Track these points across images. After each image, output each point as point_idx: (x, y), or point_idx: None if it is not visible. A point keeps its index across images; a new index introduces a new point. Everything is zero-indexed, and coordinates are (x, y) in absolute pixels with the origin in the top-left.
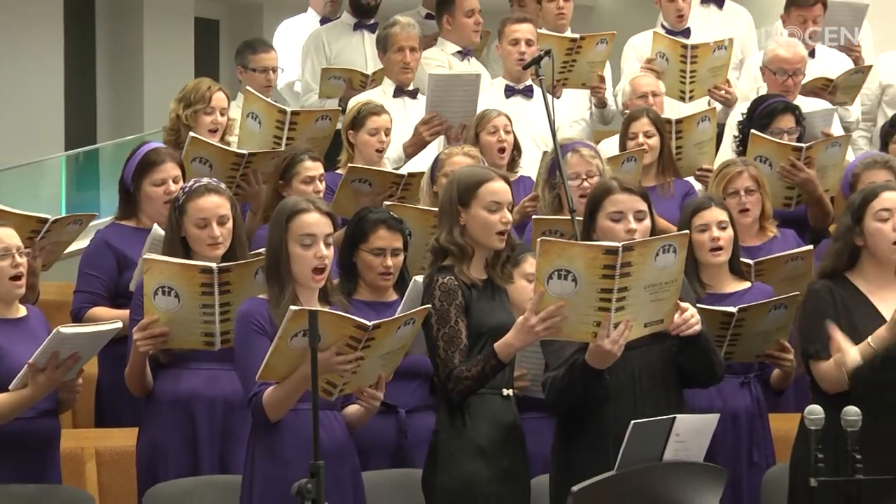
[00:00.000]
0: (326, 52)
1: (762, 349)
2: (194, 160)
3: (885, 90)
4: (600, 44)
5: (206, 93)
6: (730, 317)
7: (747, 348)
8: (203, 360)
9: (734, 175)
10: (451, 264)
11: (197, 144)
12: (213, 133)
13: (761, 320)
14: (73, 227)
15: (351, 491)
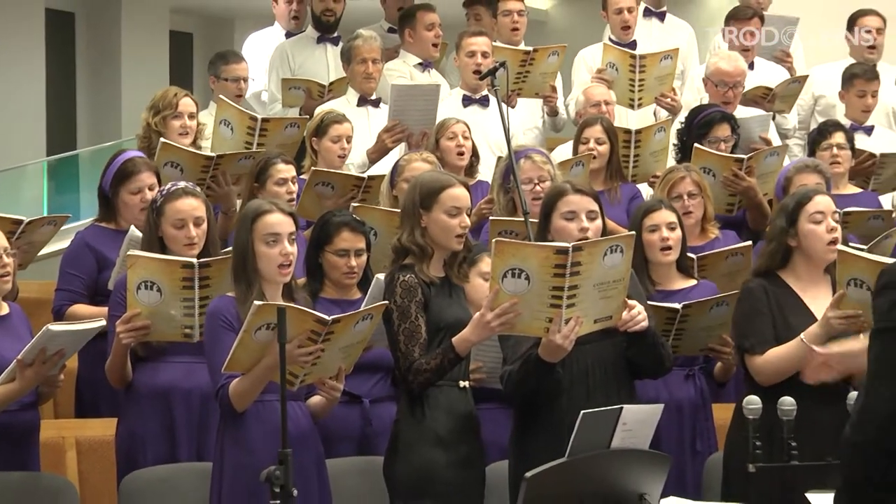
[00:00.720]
0: (291, 64)
1: (705, 343)
2: (166, 164)
3: (817, 101)
4: (552, 56)
5: (172, 99)
6: (675, 313)
7: (691, 343)
8: (180, 354)
9: (677, 180)
10: (411, 263)
11: (167, 149)
12: (183, 136)
13: (704, 316)
14: (47, 228)
15: (315, 477)
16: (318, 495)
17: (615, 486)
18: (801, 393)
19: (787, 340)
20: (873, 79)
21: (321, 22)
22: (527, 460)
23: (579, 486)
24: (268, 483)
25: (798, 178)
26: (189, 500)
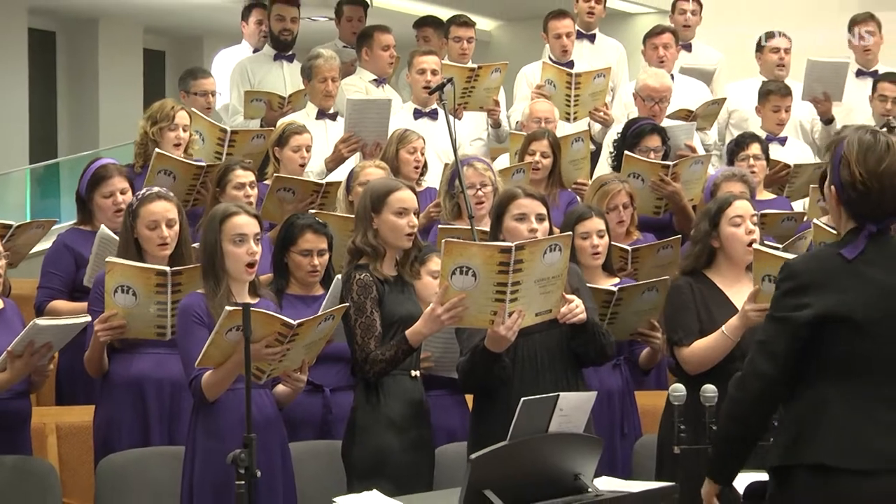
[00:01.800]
0: (251, 79)
1: (636, 327)
2: (160, 172)
3: (731, 114)
4: (495, 72)
5: (170, 112)
6: (611, 295)
7: (624, 326)
8: (152, 346)
9: (614, 193)
10: (366, 263)
11: (161, 158)
12: (177, 147)
13: (636, 300)
14: (35, 231)
15: (279, 460)
16: (282, 476)
17: (553, 467)
18: (723, 380)
19: (712, 333)
20: (787, 95)
21: (279, 41)
22: (482, 443)
23: (520, 468)
24: (234, 465)
25: (725, 186)
26: (161, 481)
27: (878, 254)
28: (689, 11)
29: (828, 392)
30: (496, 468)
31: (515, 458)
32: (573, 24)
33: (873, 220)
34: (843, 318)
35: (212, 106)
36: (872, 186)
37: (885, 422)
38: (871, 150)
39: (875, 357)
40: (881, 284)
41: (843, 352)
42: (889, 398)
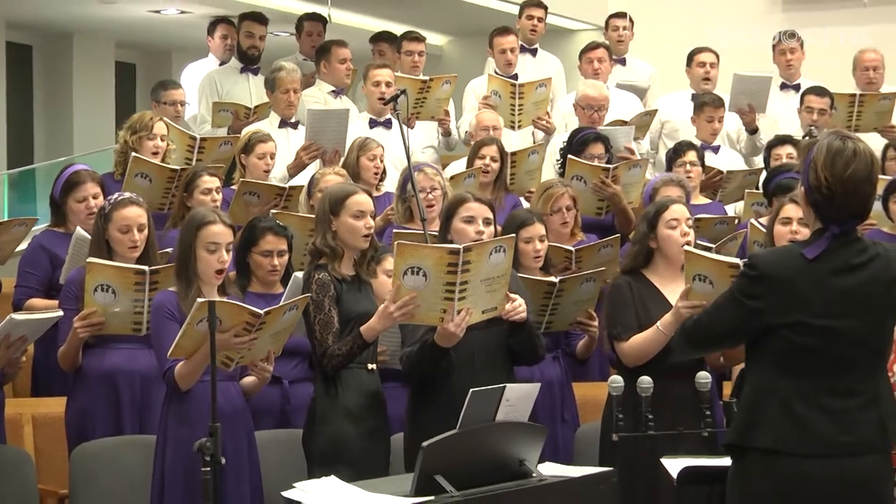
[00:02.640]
0: (219, 90)
1: (575, 317)
2: (136, 175)
3: (664, 125)
4: (445, 84)
5: (148, 122)
6: (552, 286)
7: (564, 316)
8: (124, 341)
9: (558, 196)
10: (325, 263)
11: (138, 162)
12: (155, 155)
13: (576, 290)
14: (18, 229)
15: (246, 446)
16: (248, 462)
17: (500, 454)
18: (658, 372)
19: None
20: (720, 106)
21: (246, 55)
22: (422, 431)
23: (469, 454)
24: (200, 452)
25: (663, 190)
26: (132, 468)
27: (838, 255)
28: (621, 28)
29: (780, 381)
30: (447, 455)
31: (465, 446)
32: (516, 40)
33: (837, 223)
34: (795, 314)
35: (181, 115)
36: (837, 191)
37: (831, 411)
38: (839, 156)
39: (825, 352)
40: (836, 285)
41: (795, 345)
42: (836, 390)
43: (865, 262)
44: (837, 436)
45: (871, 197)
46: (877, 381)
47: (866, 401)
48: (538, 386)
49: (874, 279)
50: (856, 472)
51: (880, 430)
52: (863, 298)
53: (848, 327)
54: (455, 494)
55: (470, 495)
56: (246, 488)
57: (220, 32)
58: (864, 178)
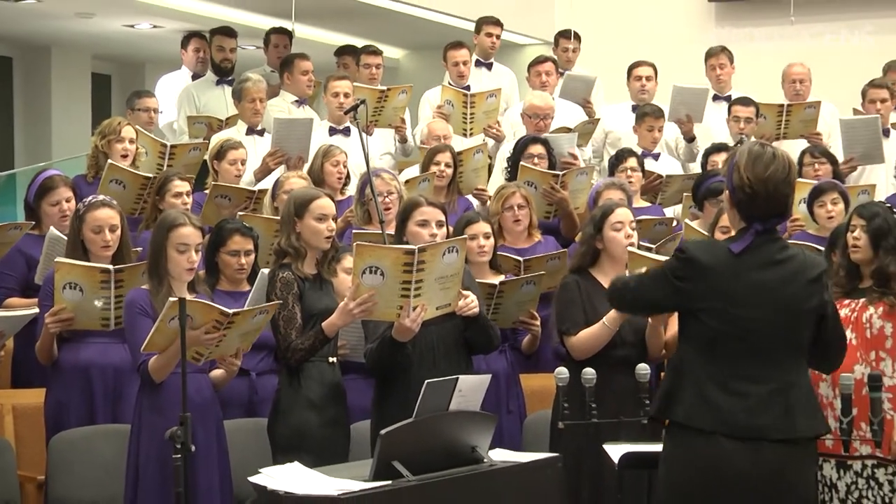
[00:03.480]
0: (196, 102)
1: (517, 316)
2: (111, 181)
3: (608, 135)
4: (402, 94)
5: (116, 127)
6: (493, 288)
7: (507, 315)
8: (97, 336)
9: (509, 195)
10: (289, 262)
11: (113, 169)
12: (124, 158)
13: (517, 292)
14: (13, 232)
15: (215, 435)
16: (217, 449)
17: (453, 441)
18: (602, 364)
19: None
20: (660, 116)
21: (220, 68)
22: (385, 420)
23: (424, 441)
24: (171, 440)
25: (606, 194)
26: (107, 456)
27: (762, 251)
28: (570, 49)
29: (696, 361)
30: (403, 442)
31: (420, 433)
32: (469, 53)
33: (760, 220)
34: (715, 301)
35: (153, 122)
36: (758, 189)
37: (736, 393)
38: (759, 159)
39: (741, 340)
40: (757, 278)
41: (713, 330)
42: (748, 376)
43: (786, 260)
44: (744, 419)
45: (789, 196)
46: (789, 373)
47: (775, 389)
48: (489, 377)
49: (794, 276)
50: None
51: (787, 418)
52: (781, 293)
53: (764, 319)
54: (411, 479)
55: (425, 479)
56: (215, 474)
57: (193, 46)
58: (782, 178)
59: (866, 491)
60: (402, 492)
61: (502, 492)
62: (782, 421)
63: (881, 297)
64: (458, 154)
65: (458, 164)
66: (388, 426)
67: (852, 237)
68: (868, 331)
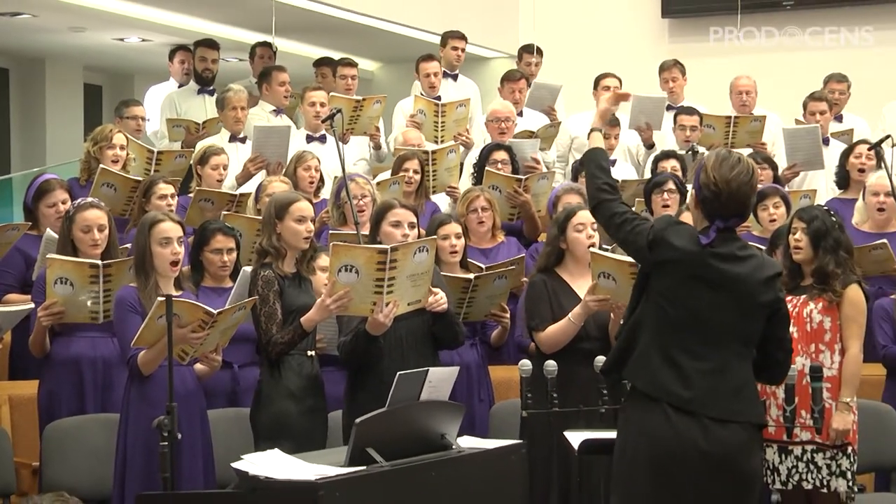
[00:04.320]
0: (177, 109)
1: (489, 310)
2: (103, 185)
3: (573, 141)
4: (376, 104)
5: (108, 134)
6: (468, 282)
7: (479, 308)
8: (87, 330)
9: (473, 198)
10: (270, 261)
11: (105, 173)
12: (115, 163)
13: (489, 286)
14: (12, 233)
15: (199, 424)
16: (202, 437)
17: (423, 429)
18: (568, 357)
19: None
20: (616, 125)
21: (202, 77)
22: (356, 409)
23: (397, 429)
24: (158, 429)
25: (564, 198)
26: (97, 443)
27: (724, 246)
28: (533, 63)
29: (648, 329)
30: (377, 430)
31: (393, 422)
32: (439, 66)
33: (721, 219)
34: (676, 281)
35: (141, 129)
36: (723, 189)
37: (680, 366)
38: (726, 162)
39: (692, 323)
40: (718, 269)
41: (668, 315)
42: (690, 350)
43: (746, 257)
44: (680, 391)
45: (750, 198)
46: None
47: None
48: (457, 369)
49: (751, 273)
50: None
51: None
52: (739, 286)
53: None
54: (384, 464)
55: (397, 465)
56: (199, 460)
57: (179, 58)
58: (745, 181)
59: (806, 474)
60: (376, 476)
61: (470, 476)
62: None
63: (821, 294)
64: (433, 154)
65: (431, 165)
66: (359, 415)
67: (794, 239)
68: (808, 325)
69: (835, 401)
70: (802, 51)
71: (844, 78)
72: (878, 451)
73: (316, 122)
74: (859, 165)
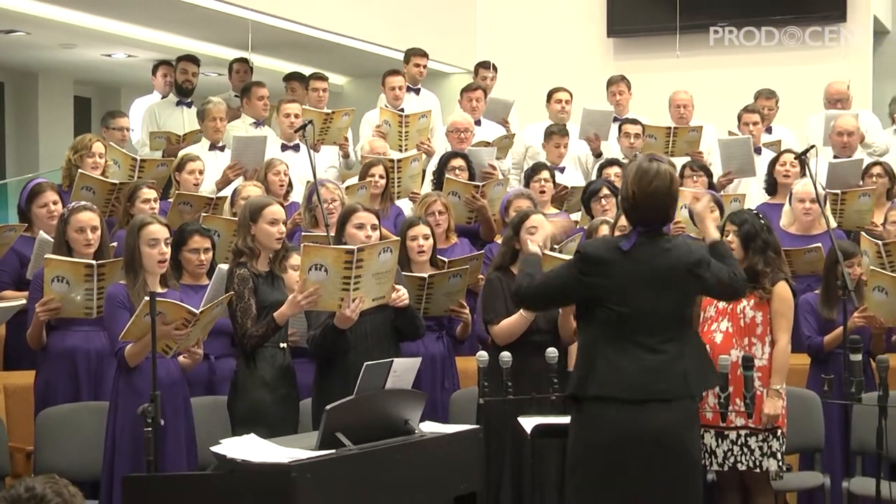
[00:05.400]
0: (157, 120)
1: (447, 305)
2: (82, 188)
3: (528, 149)
4: (345, 116)
5: (88, 143)
6: (424, 280)
7: (438, 304)
8: (81, 324)
9: (431, 202)
10: (245, 261)
11: (83, 177)
12: (94, 170)
13: (445, 284)
14: (9, 234)
15: (182, 411)
16: (184, 423)
17: (388, 415)
18: (520, 348)
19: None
20: (565, 135)
21: (182, 89)
22: (325, 397)
23: (364, 415)
24: (143, 416)
25: (516, 203)
26: (88, 429)
27: (647, 246)
28: (488, 78)
29: (600, 340)
30: (345, 416)
31: (360, 408)
32: (403, 80)
33: (643, 224)
34: (611, 289)
35: (126, 138)
36: (641, 200)
37: (644, 365)
38: (645, 175)
39: (636, 317)
40: (647, 268)
41: (613, 313)
42: (648, 348)
43: (671, 249)
44: (649, 385)
45: (670, 206)
46: (682, 343)
47: (672, 357)
48: (419, 360)
49: (678, 261)
50: (666, 416)
51: (684, 381)
52: (669, 278)
53: (656, 300)
54: (352, 448)
55: (364, 448)
56: (182, 444)
57: (162, 72)
58: (664, 191)
59: (740, 456)
60: (344, 459)
61: (431, 459)
62: (681, 385)
63: (752, 291)
64: (398, 162)
65: (396, 172)
66: (329, 403)
67: (726, 240)
68: (742, 320)
69: (766, 388)
70: (735, 68)
71: (773, 93)
72: (804, 434)
73: (290, 132)
74: (784, 172)
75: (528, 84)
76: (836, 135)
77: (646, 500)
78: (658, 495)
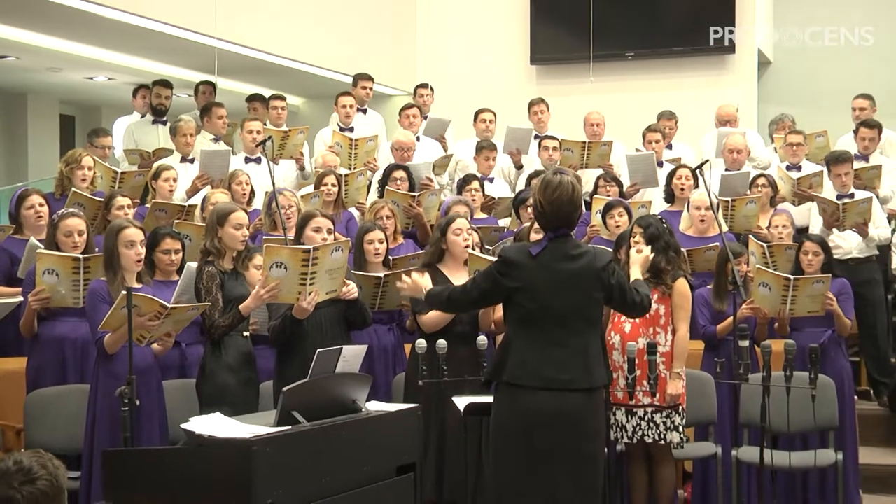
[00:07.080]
0: (135, 138)
1: (399, 301)
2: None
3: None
4: (300, 133)
5: (78, 157)
6: (379, 279)
7: (391, 300)
8: (69, 315)
9: (379, 208)
10: (212, 259)
11: (76, 195)
12: (83, 181)
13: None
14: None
15: (156, 393)
16: (157, 405)
17: (338, 396)
18: (450, 337)
19: None
20: (493, 149)
21: (157, 110)
22: (284, 380)
23: (316, 396)
24: (120, 397)
25: (454, 207)
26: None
27: (556, 250)
28: (426, 95)
29: (515, 334)
30: (300, 397)
31: (313, 390)
32: (354, 101)
33: (552, 230)
34: (523, 288)
35: (108, 155)
36: (547, 208)
37: (551, 356)
38: (549, 186)
39: (544, 314)
40: (556, 269)
41: (525, 309)
42: (554, 340)
43: (579, 255)
44: (555, 374)
45: (573, 213)
46: (586, 339)
47: (576, 351)
48: (366, 347)
49: (586, 267)
50: (570, 403)
51: (587, 373)
52: (577, 280)
53: (564, 299)
54: (306, 425)
55: (317, 425)
56: (155, 423)
57: (141, 94)
58: (566, 200)
59: (647, 430)
60: (299, 434)
61: (375, 434)
62: (582, 375)
63: (656, 286)
64: (346, 176)
65: (344, 185)
66: (286, 385)
67: (633, 241)
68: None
69: (668, 371)
70: (640, 92)
71: (673, 115)
72: (699, 410)
73: (252, 146)
74: (681, 185)
75: (460, 104)
76: (728, 151)
77: (550, 466)
78: (560, 462)
